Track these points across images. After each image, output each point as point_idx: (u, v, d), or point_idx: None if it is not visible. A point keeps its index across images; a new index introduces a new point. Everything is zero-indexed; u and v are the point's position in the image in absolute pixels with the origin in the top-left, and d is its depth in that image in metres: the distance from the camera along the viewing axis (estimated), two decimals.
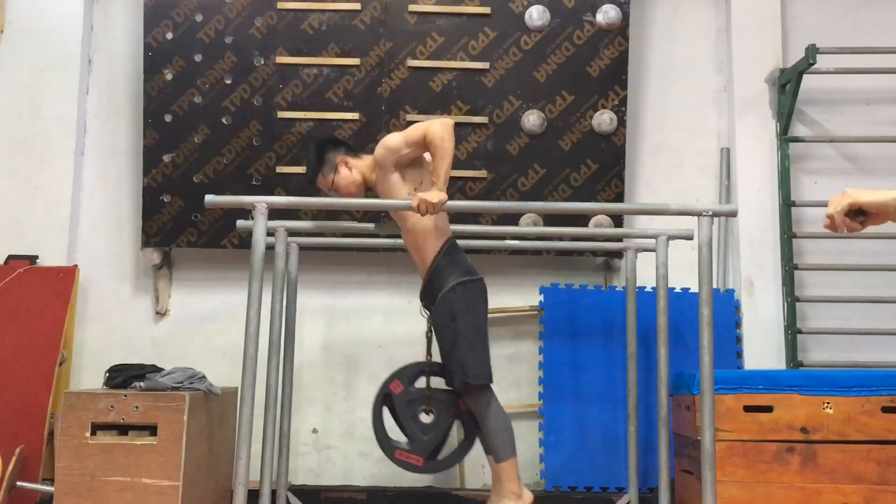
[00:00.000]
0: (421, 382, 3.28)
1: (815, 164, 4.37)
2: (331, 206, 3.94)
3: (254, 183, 4.12)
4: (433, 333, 3.21)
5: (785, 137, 4.26)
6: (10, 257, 4.08)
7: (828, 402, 3.16)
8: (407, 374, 3.28)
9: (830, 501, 3.09)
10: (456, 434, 3.57)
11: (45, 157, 4.22)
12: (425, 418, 3.22)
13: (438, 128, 3.01)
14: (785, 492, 3.11)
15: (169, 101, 4.15)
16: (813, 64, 3.99)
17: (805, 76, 4.12)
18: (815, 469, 3.12)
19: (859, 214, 1.82)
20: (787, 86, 4.22)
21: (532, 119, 4.16)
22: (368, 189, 3.35)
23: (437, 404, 3.22)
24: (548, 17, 4.18)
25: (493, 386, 3.17)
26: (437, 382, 3.28)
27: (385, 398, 3.26)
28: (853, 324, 4.17)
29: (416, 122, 3.33)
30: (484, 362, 3.13)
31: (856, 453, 3.13)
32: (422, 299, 3.27)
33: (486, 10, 4.17)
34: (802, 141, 4.32)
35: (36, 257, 4.09)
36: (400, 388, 3.24)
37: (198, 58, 4.15)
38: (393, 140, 3.11)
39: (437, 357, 3.24)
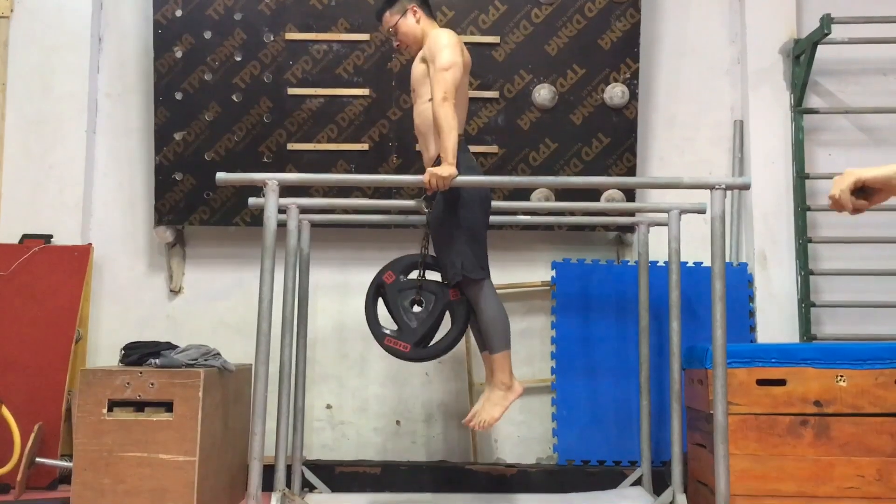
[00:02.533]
0: (414, 275, 3.30)
1: (830, 136, 4.33)
2: (342, 183, 3.95)
3: (265, 160, 4.13)
4: (431, 228, 3.24)
5: (799, 109, 4.22)
6: (25, 236, 4.11)
7: (841, 375, 3.16)
8: (400, 264, 3.32)
9: (844, 474, 3.09)
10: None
11: (57, 136, 4.24)
12: (416, 308, 3.26)
13: (437, 106, 3.05)
14: (798, 465, 3.12)
15: (179, 78, 4.15)
16: (828, 34, 3.94)
17: (820, 46, 4.07)
18: (829, 442, 3.12)
19: (863, 192, 1.81)
20: (801, 56, 4.17)
21: (543, 93, 4.13)
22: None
23: (428, 294, 3.25)
24: None
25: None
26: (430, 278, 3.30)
27: (378, 287, 3.30)
28: (867, 297, 4.15)
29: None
30: (481, 258, 3.17)
31: (869, 426, 3.12)
32: (422, 192, 3.28)
33: None
34: (817, 112, 4.27)
35: (50, 236, 4.12)
36: (392, 277, 3.28)
37: (207, 35, 4.14)
38: (442, 56, 3.10)
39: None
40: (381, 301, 3.32)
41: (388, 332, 3.25)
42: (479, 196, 3.21)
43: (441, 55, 3.11)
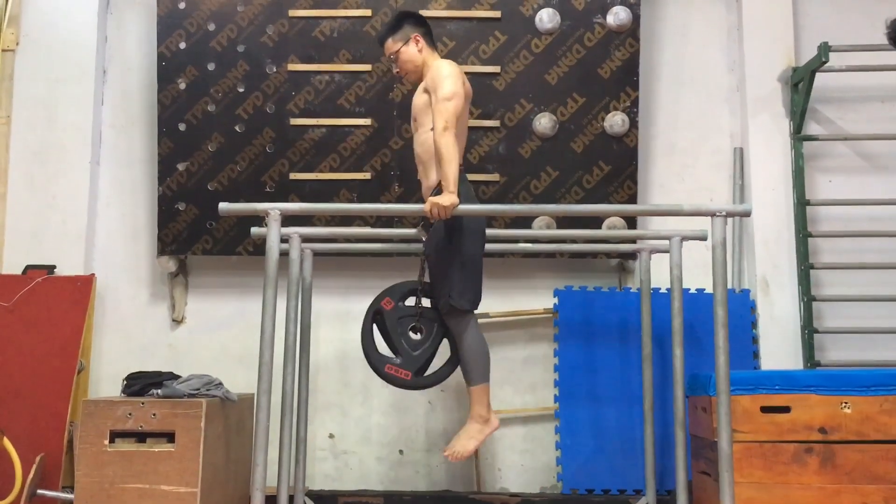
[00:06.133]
0: (411, 302, 3.30)
1: (830, 163, 4.35)
2: (344, 213, 3.97)
3: (267, 190, 4.15)
4: (427, 255, 3.25)
5: (799, 136, 4.24)
6: (29, 267, 4.12)
7: (846, 402, 3.14)
8: (398, 291, 3.32)
9: (850, 502, 3.07)
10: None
11: (61, 167, 4.26)
12: (414, 335, 3.25)
13: (438, 136, 3.08)
14: (803, 493, 3.09)
15: (183, 109, 4.18)
16: (826, 62, 3.97)
17: (818, 74, 4.10)
18: (834, 469, 3.10)
19: None
20: (799, 84, 4.20)
21: (544, 122, 4.16)
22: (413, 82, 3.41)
23: (427, 322, 3.25)
24: (558, 19, 4.18)
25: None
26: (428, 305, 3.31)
27: (375, 314, 3.30)
28: (870, 322, 4.14)
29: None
30: (472, 288, 3.18)
31: (875, 453, 3.10)
32: (422, 219, 3.30)
33: (497, 13, 4.18)
34: (816, 139, 4.29)
35: (54, 267, 4.13)
36: (391, 304, 3.28)
37: (211, 66, 4.18)
38: (444, 86, 3.14)
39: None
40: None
41: (388, 360, 3.25)
42: (476, 226, 3.23)
43: (443, 86, 3.14)
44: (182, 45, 4.19)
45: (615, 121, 4.16)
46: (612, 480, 3.92)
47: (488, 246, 3.68)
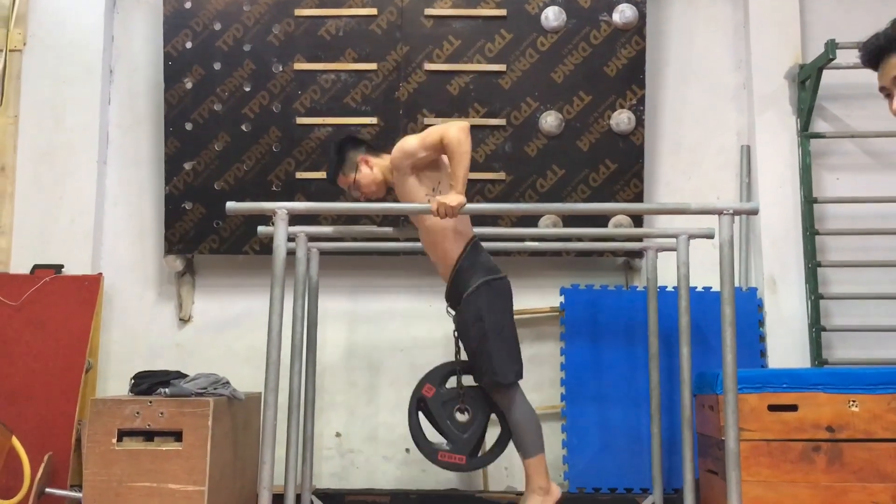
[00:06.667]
0: (451, 383, 3.29)
1: (837, 160, 4.33)
2: (351, 212, 3.96)
3: (274, 189, 4.15)
4: (459, 334, 3.22)
5: (806, 133, 4.23)
6: (36, 267, 4.13)
7: (853, 401, 3.13)
8: (437, 375, 3.30)
9: (857, 501, 3.06)
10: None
11: (68, 167, 4.28)
12: (461, 417, 3.24)
13: (454, 131, 3.01)
14: (811, 491, 3.09)
15: (189, 109, 4.19)
16: (833, 59, 3.96)
17: (825, 71, 4.09)
18: (842, 468, 3.09)
19: None
20: (806, 82, 4.19)
21: (550, 120, 4.16)
22: (390, 189, 3.36)
23: (471, 401, 3.24)
24: (564, 17, 4.18)
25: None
26: (468, 381, 3.30)
27: (419, 403, 3.28)
28: (878, 320, 4.12)
29: (433, 125, 3.34)
30: (511, 359, 3.15)
31: (883, 452, 3.09)
32: (447, 300, 3.29)
33: (502, 12, 4.18)
34: (823, 137, 4.28)
35: (61, 266, 4.14)
36: (432, 391, 3.26)
37: (217, 66, 4.19)
38: (409, 143, 3.13)
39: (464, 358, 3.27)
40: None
41: (439, 447, 3.23)
42: (501, 291, 3.19)
43: (409, 141, 3.12)
44: (188, 45, 4.20)
45: (621, 119, 4.16)
46: (619, 479, 3.92)
47: (495, 244, 3.69)
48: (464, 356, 3.28)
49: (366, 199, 3.38)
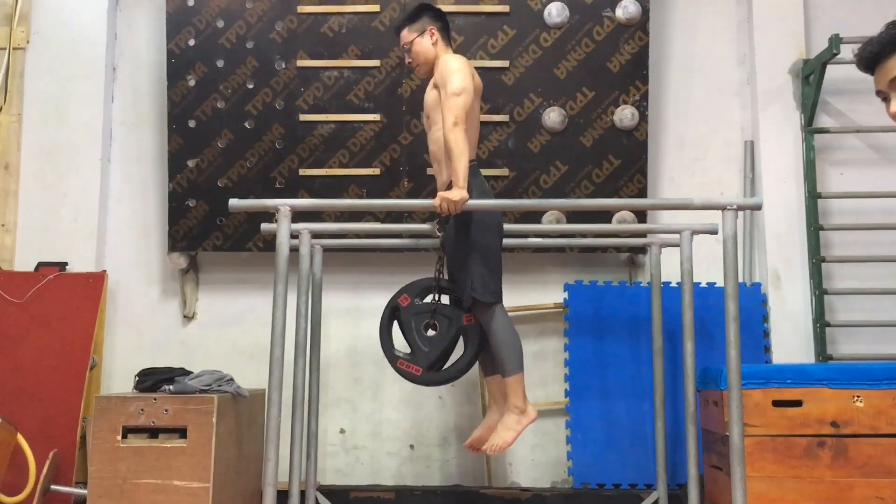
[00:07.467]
0: (430, 300, 3.31)
1: (841, 155, 4.32)
2: (354, 208, 3.97)
3: (277, 186, 4.15)
4: (445, 251, 3.26)
5: (810, 129, 4.22)
6: (41, 264, 4.14)
7: (858, 396, 3.13)
8: (416, 288, 3.33)
9: (863, 496, 3.06)
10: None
11: (72, 165, 4.28)
12: (430, 332, 3.27)
13: (448, 131, 3.06)
14: (816, 487, 3.08)
15: (192, 106, 4.19)
16: (837, 54, 3.94)
17: (829, 66, 4.07)
18: (847, 463, 3.09)
19: None
20: (810, 76, 4.17)
21: (553, 116, 4.15)
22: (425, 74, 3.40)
23: (442, 319, 3.26)
24: (567, 13, 4.17)
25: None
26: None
27: (393, 310, 3.32)
28: (883, 316, 4.12)
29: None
30: (492, 280, 3.17)
31: (888, 447, 3.09)
32: (436, 216, 3.29)
33: (505, 8, 4.17)
34: (827, 132, 4.27)
35: (65, 264, 4.15)
36: (408, 300, 3.30)
37: (220, 63, 4.19)
38: (455, 84, 3.12)
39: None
40: (396, 324, 3.33)
41: (401, 354, 3.26)
42: (493, 220, 3.22)
43: (452, 80, 3.14)
44: (191, 42, 4.20)
45: (625, 114, 4.15)
46: (623, 475, 3.92)
47: None
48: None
49: (409, 65, 3.44)
